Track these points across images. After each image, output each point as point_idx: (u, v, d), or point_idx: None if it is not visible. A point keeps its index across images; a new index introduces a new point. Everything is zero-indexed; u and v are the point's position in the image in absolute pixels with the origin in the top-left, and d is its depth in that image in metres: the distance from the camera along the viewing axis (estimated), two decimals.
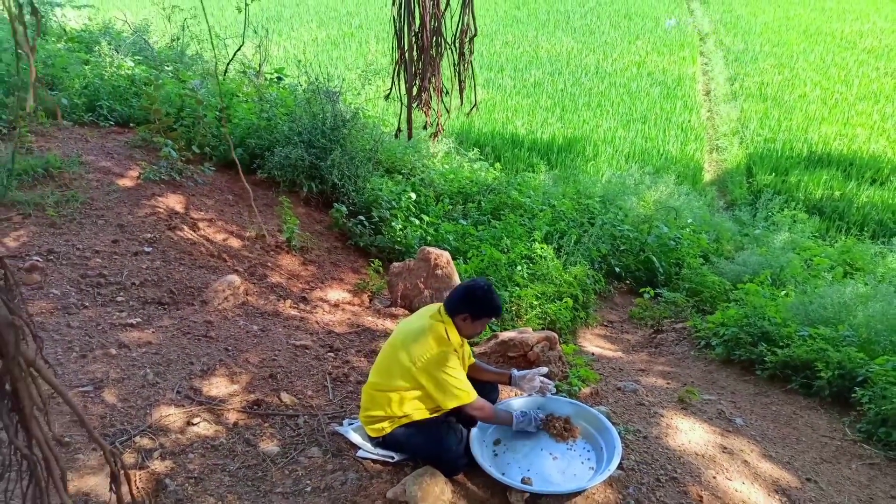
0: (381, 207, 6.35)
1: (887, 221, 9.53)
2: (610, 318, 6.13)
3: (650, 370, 4.63)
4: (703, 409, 3.84)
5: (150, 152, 6.21)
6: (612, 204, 7.93)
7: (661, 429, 3.46)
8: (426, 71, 3.65)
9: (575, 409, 3.27)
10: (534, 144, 11.74)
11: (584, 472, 2.92)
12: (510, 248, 5.98)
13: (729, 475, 3.12)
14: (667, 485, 2.97)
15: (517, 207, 7.13)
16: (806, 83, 15.10)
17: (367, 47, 17.70)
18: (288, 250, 5.55)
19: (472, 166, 8.86)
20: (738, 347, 4.69)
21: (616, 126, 12.97)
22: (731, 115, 13.98)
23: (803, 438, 3.72)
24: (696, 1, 23.00)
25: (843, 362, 4.10)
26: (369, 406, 3.08)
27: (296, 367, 3.83)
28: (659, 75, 15.77)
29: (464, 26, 3.57)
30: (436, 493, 2.79)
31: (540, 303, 5.15)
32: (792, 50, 17.38)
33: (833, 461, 3.52)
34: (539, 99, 14.23)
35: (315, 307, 4.84)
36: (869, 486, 3.31)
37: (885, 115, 13.37)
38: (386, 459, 3.03)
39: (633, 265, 6.91)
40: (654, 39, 18.51)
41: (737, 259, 6.93)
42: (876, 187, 10.65)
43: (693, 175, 11.21)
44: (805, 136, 12.47)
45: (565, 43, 18.20)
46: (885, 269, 7.07)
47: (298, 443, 3.16)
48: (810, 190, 10.44)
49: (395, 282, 4.98)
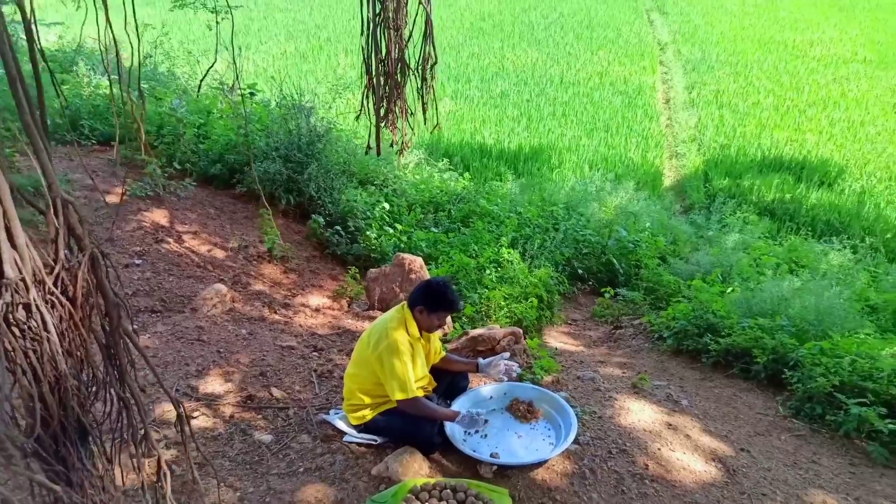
0: (356, 217, 6.72)
1: (833, 221, 10.14)
2: (574, 316, 6.56)
3: (608, 361, 5.06)
4: (653, 393, 4.27)
5: (132, 169, 6.50)
6: (576, 210, 8.39)
7: (614, 410, 3.88)
8: (392, 94, 4.05)
9: (537, 393, 3.69)
10: (501, 154, 12.19)
11: (546, 447, 3.33)
12: (479, 253, 6.37)
13: (672, 447, 3.55)
14: (617, 456, 3.39)
15: (485, 215, 7.55)
16: (759, 91, 15.82)
17: (337, 60, 18.03)
18: (269, 260, 5.88)
19: (442, 176, 9.25)
20: (687, 339, 5.15)
21: (580, 134, 13.49)
22: (690, 122, 14.61)
23: (741, 416, 4.18)
24: (655, 11, 23.79)
25: (776, 348, 4.58)
26: (350, 396, 3.46)
27: (283, 366, 4.17)
28: (620, 85, 16.37)
29: (426, 55, 3.95)
30: (414, 468, 3.17)
31: (507, 303, 5.56)
32: (747, 59, 18.15)
33: (765, 434, 3.97)
34: (506, 109, 14.71)
35: (297, 312, 5.18)
36: (794, 453, 3.77)
37: (832, 120, 14.11)
38: (370, 442, 3.40)
39: (595, 267, 7.35)
40: (615, 50, 19.16)
41: (691, 259, 7.41)
42: (824, 189, 11.30)
43: (653, 180, 11.75)
44: (758, 141, 13.12)
45: (530, 54, 18.75)
46: (827, 265, 7.64)
47: (290, 431, 3.51)
48: (763, 193, 11.04)
49: (373, 287, 5.35)
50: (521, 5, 24.23)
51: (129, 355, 1.60)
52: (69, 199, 1.44)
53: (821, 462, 3.72)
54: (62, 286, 1.49)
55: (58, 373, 1.51)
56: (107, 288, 1.54)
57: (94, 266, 1.51)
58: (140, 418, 1.65)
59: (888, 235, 9.57)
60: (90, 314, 1.61)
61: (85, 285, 1.53)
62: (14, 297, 1.35)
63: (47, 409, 1.50)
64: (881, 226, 9.80)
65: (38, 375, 1.47)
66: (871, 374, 4.18)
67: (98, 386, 1.68)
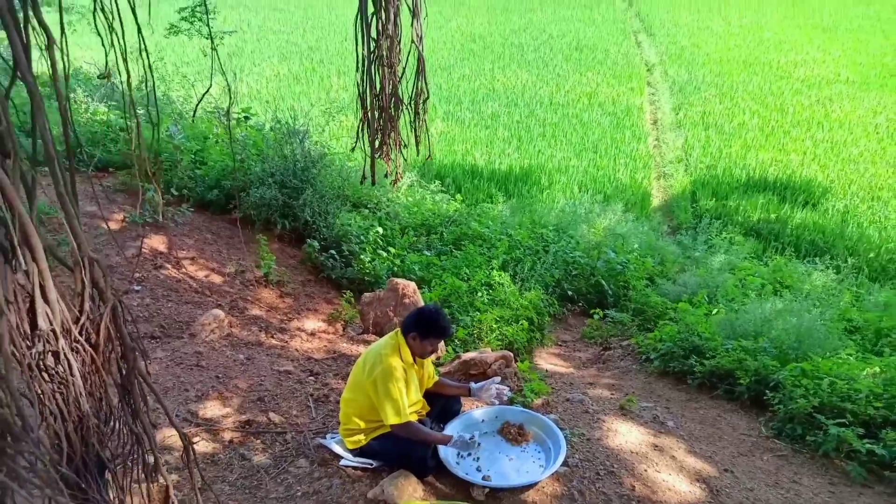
0: (350, 242, 6.85)
1: (818, 241, 10.34)
2: (564, 338, 6.69)
3: (597, 383, 5.20)
4: (640, 414, 4.40)
5: (131, 195, 6.62)
6: (565, 232, 8.55)
7: (602, 432, 4.01)
8: (386, 128, 4.22)
9: (527, 417, 3.82)
10: (492, 175, 12.37)
11: (536, 469, 3.45)
12: (470, 276, 6.51)
13: (658, 468, 3.68)
14: (605, 478, 3.51)
15: (477, 238, 7.70)
16: (745, 111, 16.11)
17: (330, 82, 18.26)
18: (266, 284, 6.00)
19: (434, 198, 9.41)
20: (673, 360, 5.29)
21: (569, 156, 13.70)
22: (677, 142, 14.86)
23: (725, 436, 4.31)
24: (642, 33, 24.22)
25: (759, 370, 4.73)
26: (346, 420, 3.58)
27: (281, 390, 4.28)
28: (609, 106, 16.64)
29: (418, 90, 4.13)
30: (409, 491, 3.28)
31: (499, 326, 5.69)
32: (732, 80, 18.49)
33: (748, 454, 4.11)
34: (496, 130, 14.92)
35: (294, 336, 5.30)
36: (776, 473, 3.90)
37: (816, 141, 14.39)
38: (365, 466, 3.52)
39: (584, 289, 7.50)
40: (603, 71, 19.49)
41: (678, 280, 7.57)
42: (808, 209, 11.52)
43: (642, 201, 11.95)
44: (744, 162, 13.36)
45: (520, 76, 19.04)
46: (811, 285, 7.81)
47: (288, 455, 3.62)
48: (748, 213, 11.25)
49: (367, 311, 5.48)
50: (510, 27, 24.62)
51: (142, 393, 1.73)
52: (95, 256, 1.57)
53: (801, 482, 3.85)
54: (86, 334, 1.62)
55: (81, 413, 1.64)
56: (125, 335, 1.67)
57: (115, 315, 1.64)
58: (151, 451, 1.78)
59: (871, 255, 9.77)
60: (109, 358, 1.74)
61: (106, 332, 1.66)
62: (45, 346, 1.48)
63: (71, 446, 1.63)
64: (864, 246, 10.00)
65: (63, 416, 1.60)
66: (849, 395, 4.33)
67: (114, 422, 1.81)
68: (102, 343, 1.62)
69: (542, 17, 26.36)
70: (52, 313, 1.49)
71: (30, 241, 1.41)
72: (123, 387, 1.70)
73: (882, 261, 9.63)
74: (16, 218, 1.36)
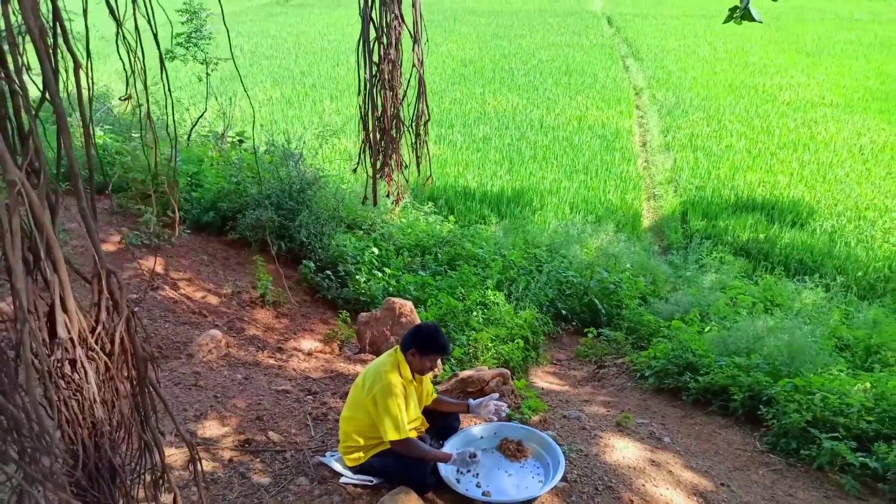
0: (346, 262, 6.90)
1: (806, 260, 10.47)
2: (558, 356, 6.74)
3: (593, 400, 5.24)
4: (636, 430, 4.44)
5: (127, 217, 6.66)
6: (558, 252, 8.63)
7: (599, 448, 4.05)
8: (388, 149, 4.30)
9: (526, 433, 3.85)
10: (484, 196, 12.47)
11: (535, 485, 3.48)
12: (466, 295, 6.57)
13: (655, 483, 3.71)
14: (603, 493, 3.55)
15: (471, 258, 7.76)
16: (732, 134, 16.35)
17: (322, 106, 18.41)
18: (262, 305, 6.03)
19: (427, 219, 9.48)
20: (667, 377, 5.35)
21: (560, 177, 13.84)
22: (666, 164, 15.05)
23: (720, 451, 4.36)
24: (630, 58, 24.61)
25: (752, 386, 4.79)
26: (345, 438, 3.61)
27: (279, 409, 4.30)
28: (599, 128, 16.85)
29: (419, 112, 4.21)
30: None
31: (494, 345, 5.73)
32: (719, 103, 18.78)
33: (744, 469, 4.15)
34: (488, 153, 15.06)
35: (291, 356, 5.32)
36: (772, 487, 3.95)
37: (803, 162, 14.61)
38: (365, 483, 3.53)
39: (578, 308, 7.56)
40: (593, 95, 19.75)
41: (671, 299, 7.65)
42: (796, 229, 11.66)
43: (632, 222, 12.07)
44: (732, 183, 13.53)
45: (511, 99, 19.26)
46: (801, 304, 7.91)
47: (287, 474, 3.63)
48: (737, 233, 11.38)
49: (364, 330, 5.51)
50: (500, 52, 24.93)
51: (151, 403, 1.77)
52: (112, 269, 1.62)
53: (797, 495, 3.90)
54: (101, 343, 1.66)
55: (95, 419, 1.68)
56: (137, 345, 1.72)
57: (128, 326, 1.69)
58: (160, 459, 1.82)
59: (859, 274, 9.90)
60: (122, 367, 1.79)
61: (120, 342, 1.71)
62: (63, 354, 1.52)
63: (85, 452, 1.67)
64: (852, 264, 10.13)
65: (78, 422, 1.64)
66: (841, 409, 4.40)
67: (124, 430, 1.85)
68: (117, 352, 1.66)
69: (532, 43, 26.73)
70: (70, 323, 1.53)
71: (52, 254, 1.46)
72: (134, 396, 1.74)
73: (870, 279, 9.75)
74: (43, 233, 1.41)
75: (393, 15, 3.84)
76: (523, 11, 34.90)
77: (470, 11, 34.60)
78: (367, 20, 3.79)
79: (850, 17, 33.46)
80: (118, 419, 1.70)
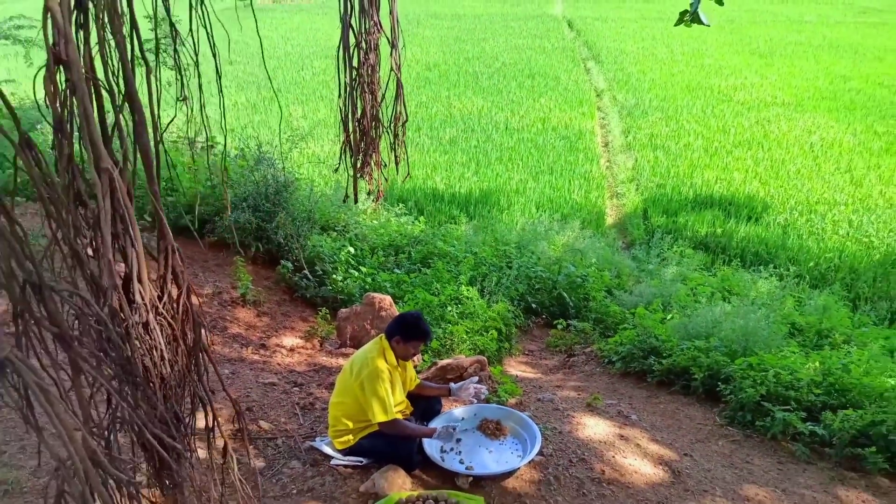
0: (323, 262, 7.09)
1: (761, 252, 10.96)
2: (530, 347, 7.03)
3: (564, 385, 5.53)
4: (606, 410, 4.74)
5: None
6: (527, 249, 8.94)
7: (572, 426, 4.33)
8: (368, 149, 4.54)
9: (504, 413, 4.12)
10: (453, 198, 12.74)
11: (514, 459, 3.75)
12: (440, 291, 6.81)
13: (625, 455, 4.01)
14: (577, 464, 3.83)
15: (443, 256, 8.02)
16: (690, 133, 16.92)
17: (289, 111, 18.50)
18: (243, 304, 6.19)
19: (399, 220, 9.71)
20: (633, 361, 5.68)
21: (526, 178, 14.18)
22: (627, 164, 15.53)
23: (683, 426, 4.69)
24: (591, 60, 25.20)
25: (711, 366, 5.15)
26: (335, 423, 3.83)
27: (268, 401, 4.49)
28: (562, 130, 17.27)
29: (397, 114, 4.47)
30: (399, 483, 3.53)
31: (469, 336, 5.99)
32: (677, 104, 19.39)
33: (705, 441, 4.49)
34: (455, 155, 15.34)
35: (275, 352, 5.50)
36: (731, 456, 4.28)
37: (757, 160, 15.21)
38: (356, 464, 3.76)
39: (547, 301, 7.87)
40: (556, 97, 20.21)
41: (635, 291, 8.01)
42: (752, 223, 12.18)
43: (597, 219, 12.46)
44: (691, 180, 14.04)
45: (476, 102, 19.60)
46: (756, 292, 8.35)
47: (280, 458, 3.83)
48: (697, 228, 11.85)
49: (344, 325, 5.72)
50: (464, 56, 25.30)
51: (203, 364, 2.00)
52: (176, 246, 1.85)
53: (753, 462, 4.24)
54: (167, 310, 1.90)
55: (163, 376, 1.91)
56: (193, 312, 1.95)
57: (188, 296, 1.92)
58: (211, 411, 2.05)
59: (811, 264, 10.41)
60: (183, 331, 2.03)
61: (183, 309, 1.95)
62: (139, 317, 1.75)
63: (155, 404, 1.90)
64: (804, 255, 10.64)
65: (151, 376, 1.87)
66: (792, 384, 4.77)
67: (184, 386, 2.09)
68: (180, 318, 1.90)
69: (495, 46, 27.17)
70: (144, 292, 1.75)
71: (131, 231, 1.68)
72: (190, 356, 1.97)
73: (821, 269, 10.28)
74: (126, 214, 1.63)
75: (372, 22, 4.09)
76: (485, 15, 35.40)
77: (432, 15, 34.96)
78: (347, 26, 4.05)
79: (800, 19, 34.74)
80: (179, 376, 1.93)
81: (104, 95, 1.70)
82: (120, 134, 1.73)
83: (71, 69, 1.47)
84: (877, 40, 28.51)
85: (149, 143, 1.75)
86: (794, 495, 3.84)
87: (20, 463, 3.53)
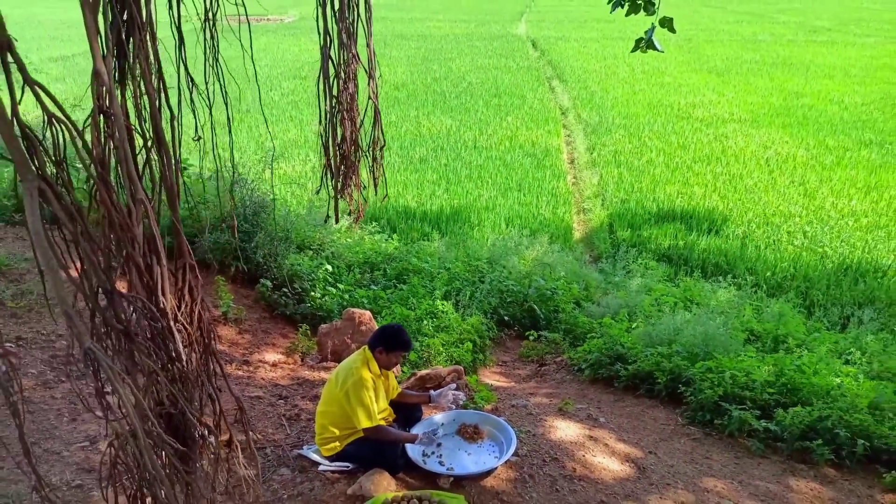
0: (302, 280, 7.29)
1: (721, 263, 11.43)
2: (503, 358, 7.30)
3: (537, 393, 5.81)
4: (576, 414, 5.03)
5: None
6: (498, 263, 9.24)
7: (545, 429, 4.61)
8: (348, 171, 4.81)
9: (481, 417, 4.39)
10: (425, 215, 13.01)
11: (491, 460, 4.01)
12: (416, 306, 7.06)
13: (594, 454, 4.30)
14: (550, 463, 4.10)
15: (418, 272, 8.28)
16: (652, 150, 17.50)
17: (259, 131, 18.65)
18: (224, 322, 6.35)
19: (372, 238, 9.94)
20: (601, 368, 6.00)
21: (496, 195, 14.54)
22: (593, 180, 16.00)
23: (648, 427, 5.00)
24: (555, 79, 25.86)
25: (673, 370, 5.49)
26: (321, 431, 4.05)
27: (255, 413, 4.68)
28: (529, 147, 17.71)
29: (375, 138, 4.76)
30: (384, 485, 3.77)
31: (446, 348, 6.25)
32: (639, 121, 20.03)
33: (668, 439, 4.80)
34: (425, 173, 15.64)
35: (258, 367, 5.68)
36: (692, 452, 4.60)
37: (716, 174, 15.81)
38: (343, 469, 3.98)
39: (518, 314, 8.17)
40: (522, 115, 20.71)
41: (602, 302, 8.36)
42: (712, 236, 12.68)
43: (564, 234, 12.84)
44: (654, 195, 14.54)
45: (444, 121, 19.98)
46: (716, 301, 8.77)
47: (269, 466, 4.03)
48: (660, 241, 12.30)
49: (325, 341, 5.93)
50: (432, 75, 25.75)
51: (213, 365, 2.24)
52: (192, 262, 2.09)
53: (712, 457, 4.56)
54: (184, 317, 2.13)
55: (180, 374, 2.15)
56: (205, 321, 2.19)
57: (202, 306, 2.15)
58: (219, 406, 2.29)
59: (767, 273, 10.91)
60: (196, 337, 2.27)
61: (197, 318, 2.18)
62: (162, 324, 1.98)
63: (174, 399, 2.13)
64: (761, 265, 11.14)
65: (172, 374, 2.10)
66: (748, 384, 5.13)
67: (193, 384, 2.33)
68: (195, 325, 2.13)
69: (461, 66, 27.71)
70: (166, 301, 1.99)
71: (157, 251, 1.92)
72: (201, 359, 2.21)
73: (777, 278, 10.77)
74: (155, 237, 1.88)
75: (350, 54, 4.39)
76: (451, 36, 36.04)
77: (399, 36, 35.47)
78: (327, 58, 4.37)
79: (755, 38, 36.08)
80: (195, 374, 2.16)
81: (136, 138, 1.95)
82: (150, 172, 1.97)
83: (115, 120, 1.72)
84: (827, 58, 29.77)
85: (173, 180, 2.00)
86: (749, 486, 4.17)
87: (18, 477, 3.67)
